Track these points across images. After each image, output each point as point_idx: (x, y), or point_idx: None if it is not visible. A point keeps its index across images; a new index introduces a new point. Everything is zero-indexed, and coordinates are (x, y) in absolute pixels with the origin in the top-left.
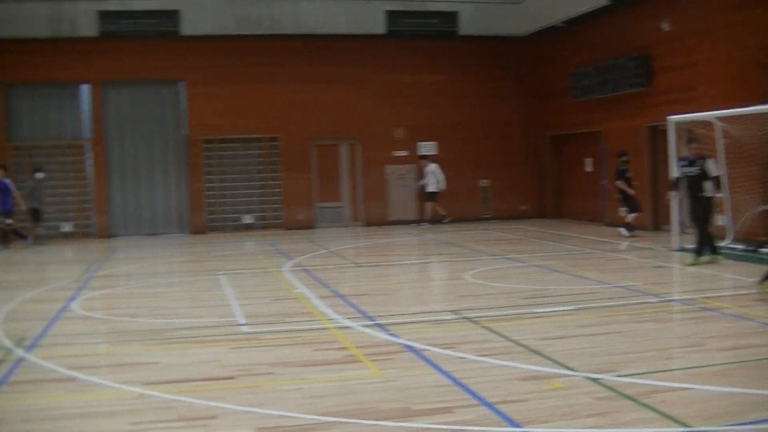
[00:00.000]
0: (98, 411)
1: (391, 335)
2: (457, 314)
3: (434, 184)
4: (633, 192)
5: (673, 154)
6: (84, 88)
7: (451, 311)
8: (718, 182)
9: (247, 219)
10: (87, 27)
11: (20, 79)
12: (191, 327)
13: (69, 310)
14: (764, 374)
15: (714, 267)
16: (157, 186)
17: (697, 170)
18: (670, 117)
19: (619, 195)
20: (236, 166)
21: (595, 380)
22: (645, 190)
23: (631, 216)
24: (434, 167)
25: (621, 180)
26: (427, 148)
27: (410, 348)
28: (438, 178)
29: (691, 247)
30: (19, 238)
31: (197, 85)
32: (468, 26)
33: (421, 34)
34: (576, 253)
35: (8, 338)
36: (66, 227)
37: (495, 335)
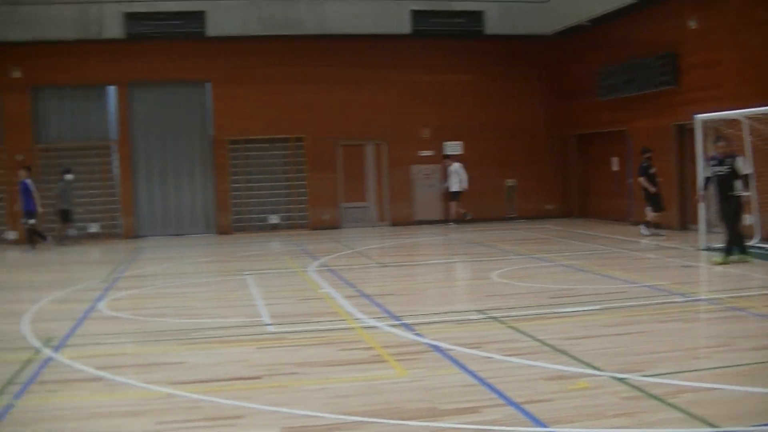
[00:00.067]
0: (125, 411)
1: (417, 335)
2: (483, 314)
3: (457, 183)
4: (654, 190)
5: (700, 153)
6: (111, 89)
7: (477, 311)
8: (747, 180)
9: (273, 219)
10: (113, 29)
11: (47, 81)
12: (217, 327)
13: (96, 310)
14: None
15: (742, 266)
16: (184, 186)
17: (727, 169)
18: (697, 116)
19: (643, 192)
20: (262, 167)
21: (621, 380)
22: (672, 189)
23: (652, 214)
24: (457, 166)
25: (643, 177)
26: (453, 147)
27: (436, 348)
28: (461, 177)
29: (719, 246)
30: (39, 238)
31: (223, 85)
32: (493, 25)
33: (447, 34)
34: (602, 252)
35: (36, 338)
36: (93, 228)
37: (521, 335)
